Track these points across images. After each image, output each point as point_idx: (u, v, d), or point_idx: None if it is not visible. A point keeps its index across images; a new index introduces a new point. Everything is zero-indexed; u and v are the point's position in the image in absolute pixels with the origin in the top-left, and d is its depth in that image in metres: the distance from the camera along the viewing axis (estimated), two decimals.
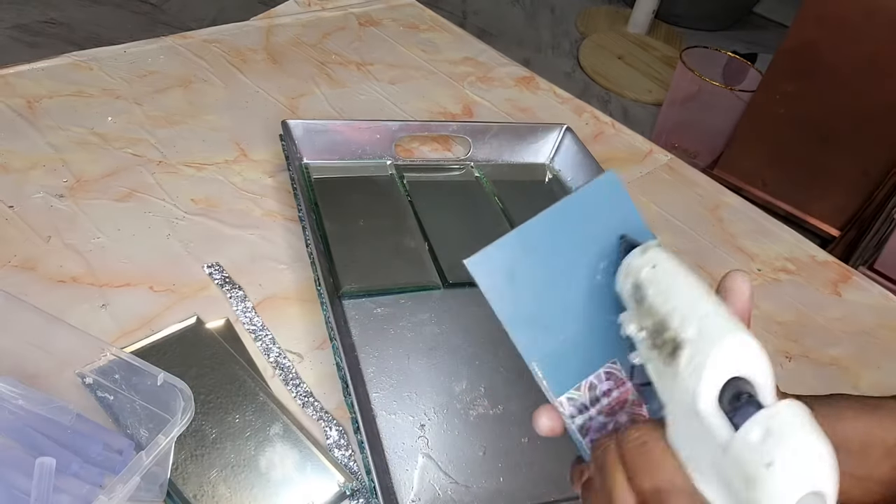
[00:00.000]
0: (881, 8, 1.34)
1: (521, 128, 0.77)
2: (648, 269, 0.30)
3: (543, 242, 0.31)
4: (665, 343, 0.28)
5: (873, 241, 1.48)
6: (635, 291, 0.30)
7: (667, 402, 0.28)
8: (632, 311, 0.30)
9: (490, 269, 0.31)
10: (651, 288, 0.29)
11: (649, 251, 0.30)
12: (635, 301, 0.30)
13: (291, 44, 0.89)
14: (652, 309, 0.29)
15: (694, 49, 1.81)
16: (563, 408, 0.32)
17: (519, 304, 0.31)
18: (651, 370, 0.29)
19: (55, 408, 0.44)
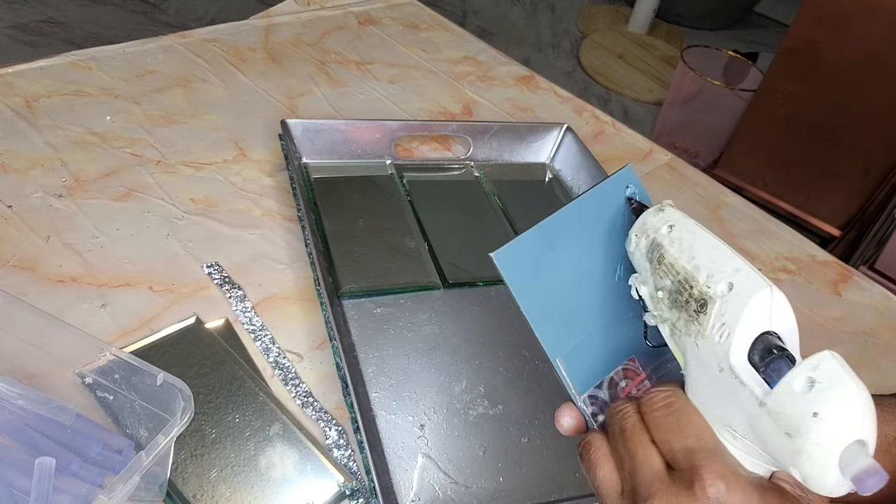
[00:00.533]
0: (881, 7, 1.34)
1: (521, 127, 0.77)
2: (665, 228, 0.30)
3: (566, 237, 0.32)
4: (689, 300, 0.28)
5: (874, 241, 1.48)
6: (652, 251, 0.30)
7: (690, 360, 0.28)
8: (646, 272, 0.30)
9: (515, 262, 0.31)
10: (672, 246, 0.29)
11: (666, 210, 0.30)
12: (651, 261, 0.30)
13: (291, 43, 0.89)
14: (673, 267, 0.29)
15: (695, 48, 1.81)
16: (586, 406, 0.32)
17: (543, 299, 0.31)
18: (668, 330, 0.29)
19: (55, 407, 0.44)
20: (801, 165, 1.60)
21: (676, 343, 0.29)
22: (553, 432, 0.52)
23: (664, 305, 0.29)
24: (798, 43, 1.47)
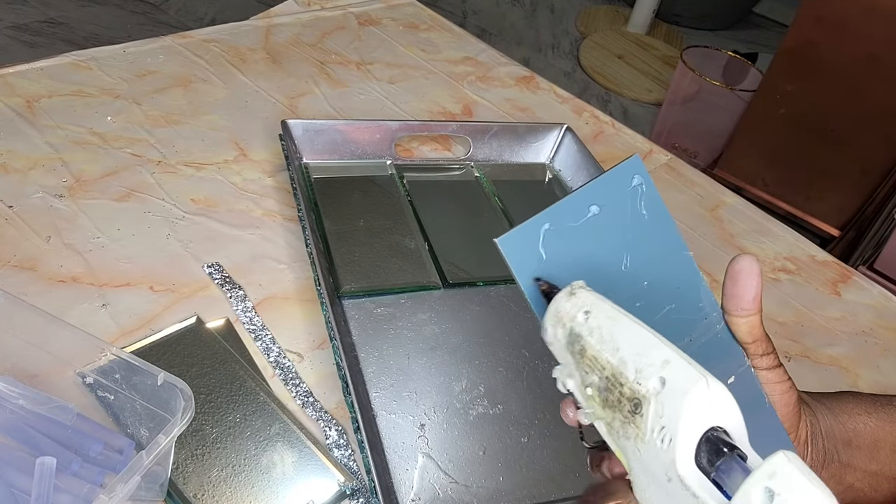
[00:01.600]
0: (881, 7, 1.34)
1: (520, 127, 0.77)
2: (581, 316, 0.27)
3: (571, 226, 0.31)
4: (621, 400, 0.25)
5: (873, 241, 1.48)
6: (572, 342, 0.27)
7: (633, 465, 0.25)
8: (570, 365, 0.27)
9: (520, 248, 0.30)
10: (591, 337, 0.26)
11: (577, 294, 0.28)
12: (573, 353, 0.27)
13: (291, 43, 0.89)
14: (597, 362, 0.26)
15: (694, 48, 1.81)
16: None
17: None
18: (605, 430, 0.26)
19: (56, 407, 0.44)
20: (800, 166, 1.61)
21: (616, 444, 0.26)
22: (553, 432, 0.52)
23: (595, 403, 0.26)
24: (797, 43, 1.47)
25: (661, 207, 0.33)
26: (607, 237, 0.32)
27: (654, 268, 0.33)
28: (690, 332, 0.33)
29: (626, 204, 0.32)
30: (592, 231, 0.31)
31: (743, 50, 2.12)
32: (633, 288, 0.32)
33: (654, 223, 0.33)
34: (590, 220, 0.31)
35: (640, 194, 0.33)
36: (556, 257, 0.31)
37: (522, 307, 0.62)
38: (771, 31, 2.57)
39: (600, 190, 0.32)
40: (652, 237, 0.33)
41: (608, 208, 0.32)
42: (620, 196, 0.32)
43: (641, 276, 0.32)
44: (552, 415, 0.54)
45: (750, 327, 0.33)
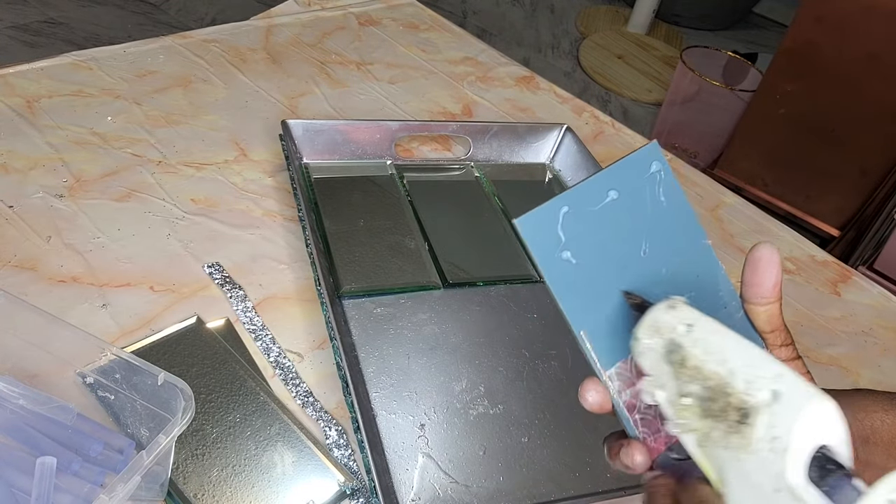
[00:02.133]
0: (880, 7, 1.34)
1: (520, 128, 0.77)
2: (682, 328, 0.27)
3: (590, 209, 0.31)
4: (726, 410, 0.25)
5: (873, 241, 1.48)
6: (670, 352, 0.27)
7: (730, 476, 0.25)
8: (664, 375, 0.27)
9: (539, 229, 0.30)
10: (695, 348, 0.26)
11: (678, 307, 0.28)
12: (671, 363, 0.27)
13: (291, 43, 0.89)
14: (700, 372, 0.26)
15: (694, 49, 1.81)
16: (611, 382, 0.31)
17: (567, 270, 0.30)
18: (695, 440, 0.26)
19: (56, 407, 0.44)
20: (800, 166, 1.61)
21: (707, 456, 0.26)
22: (553, 432, 0.52)
23: (691, 414, 0.26)
24: (797, 43, 1.47)
25: (679, 195, 0.33)
26: (626, 223, 0.32)
27: (673, 255, 0.33)
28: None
29: (645, 190, 0.32)
30: (611, 216, 0.31)
31: (743, 50, 2.12)
32: (652, 275, 0.32)
33: (673, 210, 0.33)
34: (608, 205, 0.31)
35: (658, 181, 0.33)
36: (575, 241, 0.30)
37: (522, 307, 0.62)
38: (771, 31, 2.57)
39: (619, 175, 0.32)
40: (671, 224, 0.33)
41: (627, 194, 0.32)
42: (639, 182, 0.32)
43: (660, 263, 0.32)
44: (552, 415, 0.54)
45: (769, 316, 0.33)
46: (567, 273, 0.30)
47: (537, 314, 0.61)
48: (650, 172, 0.32)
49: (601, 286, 0.31)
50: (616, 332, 0.31)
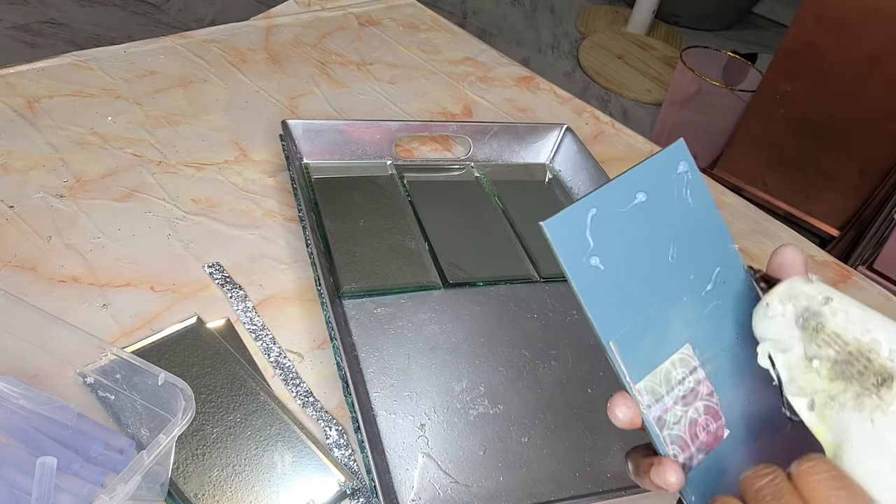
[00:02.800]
0: (881, 8, 1.34)
1: (520, 128, 0.77)
2: (822, 297, 0.29)
3: (618, 210, 0.30)
4: (864, 374, 0.27)
5: (873, 241, 1.48)
6: (806, 318, 0.29)
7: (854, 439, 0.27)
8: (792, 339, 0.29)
9: (567, 233, 0.28)
10: (835, 317, 0.28)
11: (816, 282, 0.29)
12: (805, 328, 0.28)
13: (291, 44, 0.89)
14: (840, 337, 0.28)
15: (694, 49, 1.81)
16: (641, 396, 0.30)
17: (595, 277, 0.29)
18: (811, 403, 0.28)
19: (56, 407, 0.44)
20: (799, 166, 1.61)
21: (824, 418, 0.27)
22: (553, 432, 0.52)
23: (818, 376, 0.28)
24: (797, 44, 1.47)
25: (706, 196, 0.32)
26: (654, 226, 0.31)
27: (701, 261, 0.32)
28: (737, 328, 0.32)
29: (672, 191, 0.31)
30: (639, 219, 0.30)
31: (742, 50, 2.12)
32: (679, 281, 0.31)
33: (700, 213, 0.32)
34: (636, 207, 0.30)
35: (685, 182, 0.32)
36: (603, 246, 0.29)
37: (522, 307, 0.62)
38: (770, 32, 2.57)
39: (646, 175, 0.31)
40: (698, 228, 0.32)
41: (655, 196, 0.31)
42: (666, 183, 0.31)
43: (688, 268, 0.31)
44: (552, 415, 0.54)
45: None
46: (595, 280, 0.29)
47: (537, 314, 0.61)
48: (678, 173, 0.32)
49: (629, 295, 0.30)
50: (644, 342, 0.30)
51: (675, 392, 0.30)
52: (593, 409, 0.55)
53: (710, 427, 0.31)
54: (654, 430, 0.30)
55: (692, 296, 0.31)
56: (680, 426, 0.30)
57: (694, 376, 0.31)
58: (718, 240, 0.32)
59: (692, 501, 0.30)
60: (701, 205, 0.32)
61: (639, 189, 0.30)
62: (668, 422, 0.30)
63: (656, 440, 0.30)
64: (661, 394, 0.30)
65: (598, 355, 0.58)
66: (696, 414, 0.31)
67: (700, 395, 0.31)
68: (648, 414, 0.30)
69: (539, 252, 0.67)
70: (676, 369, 0.31)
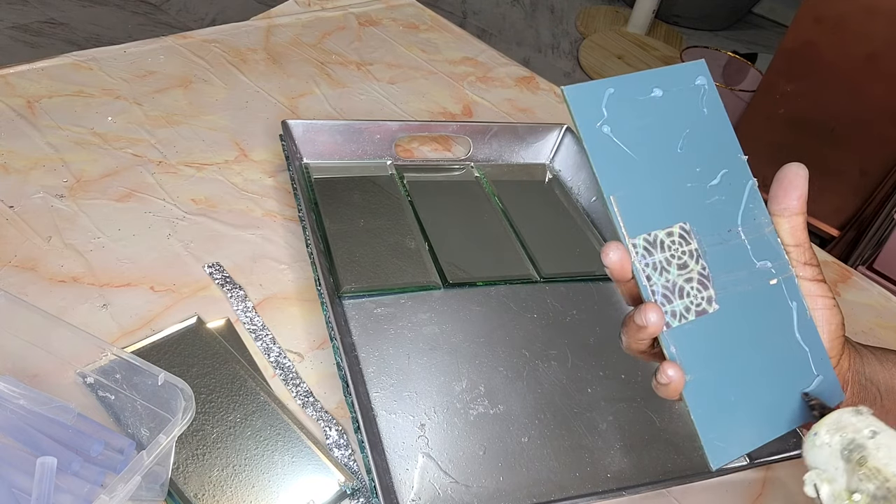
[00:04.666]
0: (881, 8, 1.34)
1: (520, 128, 0.77)
2: (868, 431, 0.30)
3: (634, 99, 0.33)
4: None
5: (873, 241, 1.48)
6: (851, 451, 0.30)
7: None
8: (836, 470, 0.30)
9: (585, 100, 0.32)
10: (879, 451, 0.29)
11: (864, 414, 0.30)
12: (848, 461, 0.30)
13: (291, 44, 0.89)
14: (881, 473, 0.29)
15: (694, 49, 1.81)
16: (633, 248, 0.32)
17: (605, 141, 0.32)
18: None
19: (56, 407, 0.44)
20: None
21: None
22: (553, 432, 0.52)
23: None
24: (797, 43, 1.47)
25: (721, 111, 0.35)
26: (666, 118, 0.34)
27: (709, 160, 0.35)
28: (737, 225, 0.35)
29: (689, 97, 0.34)
30: (653, 110, 0.33)
31: (742, 50, 2.12)
32: (685, 169, 0.34)
33: (713, 122, 0.35)
34: (652, 100, 0.33)
35: (702, 94, 0.35)
36: (616, 120, 0.33)
37: (522, 307, 0.62)
38: (770, 31, 2.57)
39: (665, 77, 0.34)
40: (709, 134, 0.35)
41: (671, 95, 0.34)
42: (684, 89, 0.34)
43: (694, 162, 0.34)
44: (552, 415, 0.54)
45: (792, 228, 0.34)
46: (604, 144, 0.32)
47: (537, 314, 0.61)
48: (695, 84, 0.35)
49: (635, 166, 0.33)
50: (643, 208, 0.33)
51: (667, 255, 0.33)
52: (593, 409, 0.55)
53: (698, 294, 0.33)
54: (641, 279, 0.33)
55: (696, 184, 0.34)
56: (668, 285, 0.33)
57: (688, 247, 0.34)
58: (728, 148, 0.35)
59: (672, 352, 0.32)
60: (714, 116, 0.35)
61: (656, 85, 0.34)
62: (654, 276, 0.33)
63: (643, 289, 0.33)
64: (653, 252, 0.33)
65: (598, 355, 0.58)
66: (686, 280, 0.33)
67: (691, 266, 0.33)
68: (638, 263, 0.32)
69: (539, 252, 0.67)
70: (673, 237, 0.33)
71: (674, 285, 0.33)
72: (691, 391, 0.33)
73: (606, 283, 0.65)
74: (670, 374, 0.32)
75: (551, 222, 0.72)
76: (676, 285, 0.33)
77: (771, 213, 0.35)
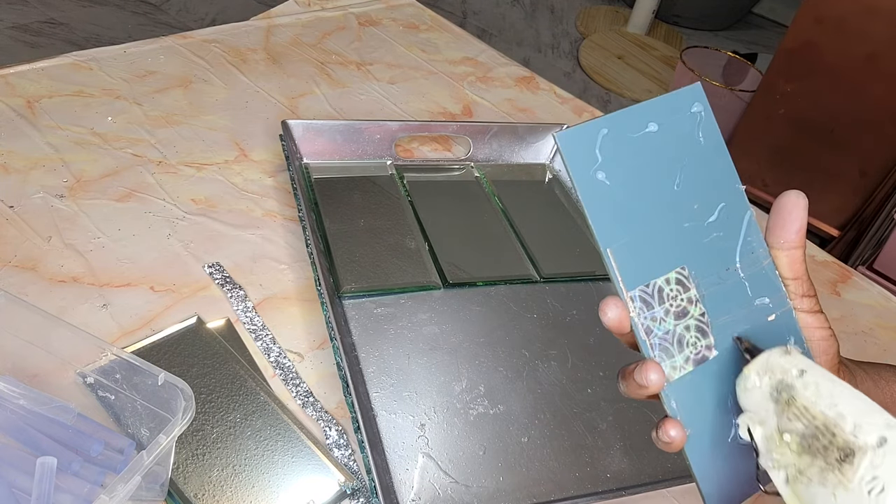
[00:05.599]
0: (881, 8, 1.34)
1: (521, 128, 0.77)
2: (796, 371, 0.29)
3: (629, 135, 0.32)
4: (829, 447, 0.27)
5: (872, 241, 1.48)
6: (779, 391, 0.29)
7: None
8: (766, 412, 0.29)
9: (577, 146, 0.31)
10: (806, 390, 0.28)
11: (793, 353, 0.30)
12: (777, 401, 0.29)
13: (291, 44, 0.89)
14: (808, 411, 0.28)
15: (694, 49, 1.81)
16: (631, 302, 0.31)
17: (600, 189, 0.31)
18: (786, 476, 0.28)
19: (56, 407, 0.44)
20: (799, 166, 1.61)
21: (796, 492, 0.28)
22: (553, 432, 0.52)
23: (789, 450, 0.28)
24: (797, 43, 1.47)
25: (717, 137, 0.34)
26: (662, 155, 0.32)
27: (706, 194, 0.34)
28: (735, 262, 0.34)
29: (684, 127, 0.33)
30: (648, 146, 0.32)
31: (742, 50, 2.12)
32: (682, 208, 0.33)
33: (710, 151, 0.34)
34: (647, 135, 0.32)
35: (698, 121, 0.33)
36: (611, 163, 0.31)
37: (522, 307, 0.62)
38: (771, 32, 2.57)
39: (660, 109, 0.32)
40: (706, 164, 0.34)
41: (666, 128, 0.32)
42: (679, 119, 0.33)
43: (692, 199, 0.33)
44: (552, 415, 0.54)
45: (791, 261, 0.34)
46: (599, 192, 0.31)
47: (537, 314, 0.61)
48: (691, 112, 0.33)
49: (631, 213, 0.32)
50: (640, 256, 0.32)
51: (666, 305, 0.32)
52: (593, 409, 0.55)
53: (697, 343, 0.33)
54: (641, 334, 0.32)
55: (694, 223, 0.33)
56: (667, 336, 0.32)
57: (687, 295, 0.33)
58: (726, 179, 0.34)
59: (672, 407, 0.32)
60: (711, 145, 0.34)
61: (651, 120, 0.32)
62: (655, 330, 0.32)
63: (642, 345, 0.32)
64: (651, 304, 0.32)
65: (598, 355, 0.58)
66: (685, 329, 0.32)
67: (691, 313, 0.33)
68: (636, 318, 0.31)
69: (539, 252, 0.67)
70: (671, 286, 0.32)
71: (672, 335, 0.32)
72: (693, 446, 0.32)
73: (606, 283, 0.65)
74: (672, 434, 0.31)
75: (551, 222, 0.72)
76: (675, 335, 0.32)
77: (769, 246, 0.34)
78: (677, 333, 0.32)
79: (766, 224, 0.34)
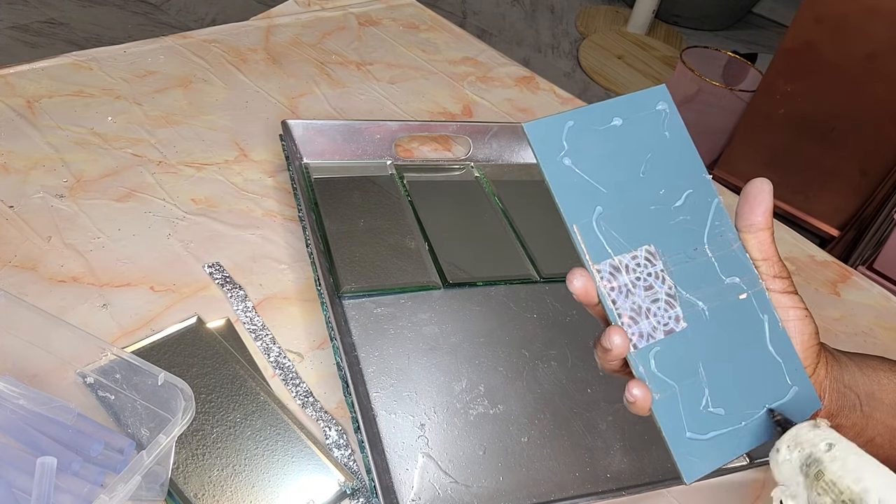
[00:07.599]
0: (881, 8, 1.34)
1: (520, 128, 0.77)
2: (824, 445, 0.30)
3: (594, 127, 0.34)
4: None
5: (872, 241, 1.48)
6: (808, 465, 0.30)
7: None
8: (797, 486, 0.30)
9: (545, 135, 0.33)
10: (833, 464, 0.29)
11: (822, 427, 0.31)
12: (806, 475, 0.30)
13: (291, 44, 0.89)
14: (836, 486, 0.29)
15: (694, 49, 1.81)
16: (599, 274, 0.33)
17: (566, 173, 0.33)
18: None
19: (56, 407, 0.44)
20: (799, 166, 1.61)
21: None
22: (553, 432, 0.52)
23: None
24: (797, 43, 1.47)
25: (683, 133, 0.35)
26: (627, 145, 0.34)
27: (671, 182, 0.35)
28: (703, 244, 0.35)
29: (649, 123, 0.35)
30: (614, 137, 0.34)
31: (742, 50, 2.12)
32: (648, 192, 0.34)
33: (676, 144, 0.35)
34: (612, 128, 0.34)
35: (663, 118, 0.35)
36: (577, 151, 0.33)
37: (522, 307, 0.62)
38: (770, 32, 2.57)
39: (625, 106, 0.34)
40: (672, 156, 0.35)
41: (631, 122, 0.34)
42: (644, 115, 0.35)
43: (658, 185, 0.35)
44: (552, 415, 0.54)
45: (759, 243, 0.35)
46: (566, 176, 0.33)
47: (537, 314, 0.61)
48: (656, 109, 0.35)
49: (597, 193, 0.33)
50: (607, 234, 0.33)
51: (633, 276, 0.33)
52: (593, 409, 0.55)
53: (665, 313, 0.34)
54: (607, 302, 0.33)
55: (660, 207, 0.34)
56: (634, 307, 0.33)
57: (654, 269, 0.34)
58: (692, 169, 0.36)
59: (640, 372, 0.33)
60: (677, 139, 0.35)
61: (616, 115, 0.34)
62: (620, 301, 0.33)
63: (609, 312, 0.33)
64: (618, 276, 0.33)
65: None
66: (652, 301, 0.34)
67: (657, 287, 0.34)
68: (603, 289, 0.33)
69: (539, 252, 0.67)
70: (638, 260, 0.34)
71: (640, 307, 0.33)
72: (661, 408, 0.33)
73: None
74: (635, 392, 0.32)
75: (551, 222, 0.72)
76: (643, 307, 0.33)
77: (738, 230, 0.35)
78: (644, 305, 0.33)
79: (735, 211, 0.35)
